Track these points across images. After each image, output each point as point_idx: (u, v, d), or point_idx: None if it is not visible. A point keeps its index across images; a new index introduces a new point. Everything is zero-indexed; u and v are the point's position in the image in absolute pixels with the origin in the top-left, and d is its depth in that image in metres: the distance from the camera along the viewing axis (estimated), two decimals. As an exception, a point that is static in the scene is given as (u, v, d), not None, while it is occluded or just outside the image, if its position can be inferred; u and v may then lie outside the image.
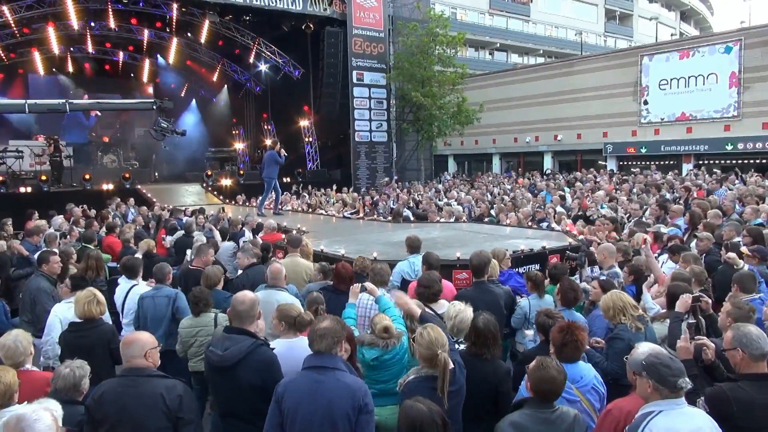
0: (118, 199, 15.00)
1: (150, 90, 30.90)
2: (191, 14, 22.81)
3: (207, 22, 22.56)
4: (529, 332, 5.14)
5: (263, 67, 25.87)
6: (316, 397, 2.99)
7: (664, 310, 4.75)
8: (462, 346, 3.96)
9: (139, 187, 20.07)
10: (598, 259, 6.34)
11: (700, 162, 23.50)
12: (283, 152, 13.27)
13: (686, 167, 23.28)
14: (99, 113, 29.05)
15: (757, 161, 21.90)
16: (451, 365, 3.33)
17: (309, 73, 23.97)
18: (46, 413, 2.42)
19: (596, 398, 3.49)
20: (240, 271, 6.55)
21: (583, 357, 3.66)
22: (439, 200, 15.32)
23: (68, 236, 8.90)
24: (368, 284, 4.68)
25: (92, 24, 23.72)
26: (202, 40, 25.26)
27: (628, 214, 10.23)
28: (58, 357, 4.62)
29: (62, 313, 5.07)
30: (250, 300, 3.79)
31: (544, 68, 31.78)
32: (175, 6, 21.96)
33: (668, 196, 12.58)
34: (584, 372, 3.55)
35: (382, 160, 23.75)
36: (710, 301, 4.56)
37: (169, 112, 24.94)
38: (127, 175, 20.86)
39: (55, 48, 24.83)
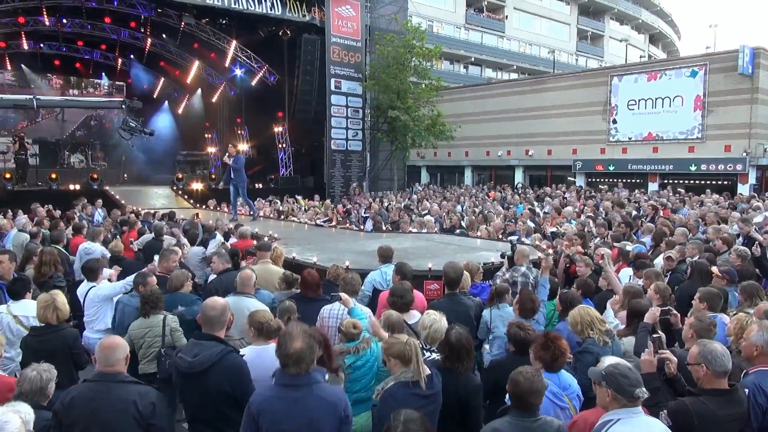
0: (85, 200, 14.67)
1: (122, 90, 30.41)
2: (167, 15, 22.54)
3: (183, 24, 22.31)
4: (486, 346, 5.19)
5: (238, 72, 25.68)
6: (296, 415, 2.91)
7: (623, 326, 4.87)
8: (435, 355, 4.00)
9: (107, 188, 19.63)
10: (515, 258, 6.48)
11: (666, 181, 24.14)
12: (229, 155, 12.92)
13: (652, 186, 23.90)
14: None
15: (719, 182, 22.60)
16: (428, 371, 3.39)
17: (284, 80, 23.87)
18: (15, 416, 2.36)
19: (579, 405, 3.62)
20: (212, 276, 6.49)
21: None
22: (415, 210, 15.35)
23: (35, 237, 8.66)
24: (343, 294, 4.71)
25: (64, 21, 23.26)
26: (177, 41, 25.01)
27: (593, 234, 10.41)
28: (20, 361, 4.50)
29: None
30: (221, 306, 3.76)
31: (517, 84, 32.34)
32: (150, 7, 21.68)
33: (635, 213, 12.88)
34: (570, 380, 3.67)
35: (356, 169, 23.76)
36: (678, 315, 4.71)
37: (138, 111, 24.56)
38: (95, 176, 20.42)
39: (25, 44, 24.26)
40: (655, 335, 3.98)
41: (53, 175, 19.76)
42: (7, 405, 2.69)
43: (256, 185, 22.12)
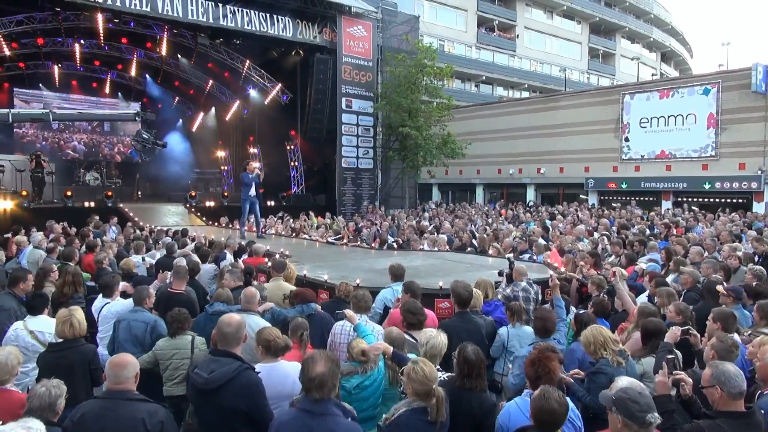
0: (97, 218, 14.83)
1: (137, 108, 30.84)
2: (182, 36, 22.96)
3: (197, 44, 22.69)
4: (510, 365, 5.12)
5: (252, 91, 26.00)
6: None
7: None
8: (444, 375, 3.96)
9: (121, 205, 19.86)
10: (514, 276, 6.52)
11: (679, 199, 23.93)
12: (255, 172, 13.25)
13: (665, 204, 23.69)
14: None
15: (733, 200, 22.37)
16: (445, 415, 3.33)
17: (297, 98, 24.14)
18: (26, 432, 2.37)
19: (572, 430, 3.48)
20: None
21: (562, 388, 3.67)
22: (428, 228, 15.29)
23: (51, 253, 8.75)
24: (348, 311, 4.73)
25: (82, 42, 23.76)
26: (192, 61, 25.40)
27: (607, 252, 10.32)
28: (35, 377, 4.52)
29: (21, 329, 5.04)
30: (237, 322, 3.76)
31: (529, 102, 32.37)
32: (166, 28, 22.11)
33: (648, 232, 12.77)
34: None
35: (367, 187, 23.86)
36: (698, 335, 4.62)
37: (151, 124, 24.87)
38: (109, 194, 20.65)
39: (44, 64, 24.76)
40: (669, 356, 3.92)
41: (68, 193, 20.00)
42: (19, 421, 2.70)
43: (268, 202, 22.25)
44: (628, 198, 24.42)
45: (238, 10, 19.78)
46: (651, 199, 24.86)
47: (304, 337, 4.51)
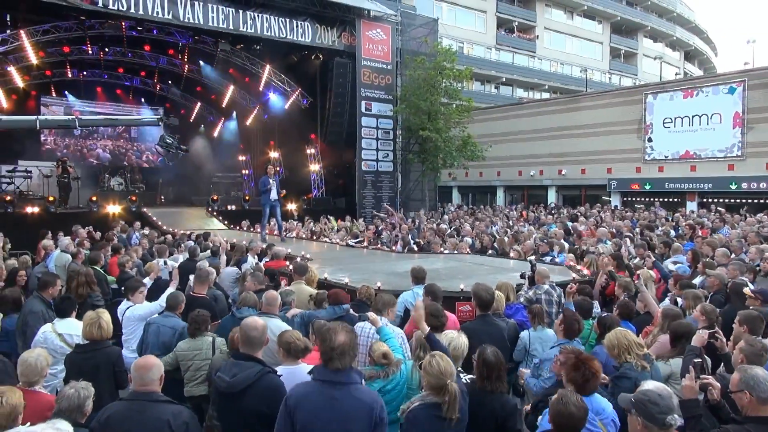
0: (122, 222, 15.08)
1: (161, 113, 31.30)
2: (203, 42, 23.26)
3: (219, 50, 22.96)
4: (525, 371, 5.06)
5: (272, 95, 26.21)
6: (332, 415, 2.94)
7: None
8: (465, 377, 3.94)
9: (144, 210, 20.16)
10: (537, 279, 6.45)
11: (705, 200, 23.54)
12: (272, 174, 13.41)
13: (690, 205, 23.31)
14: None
15: (761, 201, 21.92)
16: (458, 413, 3.32)
17: (317, 102, 24.28)
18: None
19: (614, 431, 3.48)
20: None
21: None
22: (449, 231, 15.25)
23: (76, 257, 8.92)
24: (371, 314, 4.69)
25: (106, 50, 24.22)
26: (213, 66, 25.70)
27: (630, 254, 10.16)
28: (63, 378, 4.61)
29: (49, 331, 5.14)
30: (262, 326, 3.80)
31: (549, 103, 32.13)
32: (188, 34, 22.43)
33: (672, 233, 12.57)
34: (604, 404, 3.55)
35: (388, 190, 23.90)
36: (724, 339, 4.54)
37: (174, 129, 25.21)
38: (133, 198, 20.98)
39: (69, 72, 25.27)
40: (696, 360, 3.85)
41: (93, 198, 20.35)
42: (48, 422, 2.76)
43: (288, 206, 22.39)
44: (651, 199, 24.09)
45: (258, 16, 19.99)
46: (675, 200, 24.49)
47: None
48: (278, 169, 14.50)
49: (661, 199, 23.57)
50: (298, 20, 20.87)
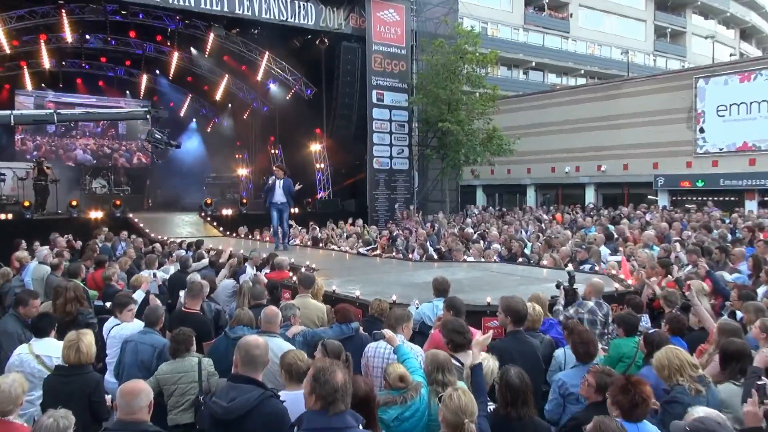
0: (106, 230, 15.18)
1: (148, 106, 31.58)
2: (195, 27, 23.40)
3: (212, 36, 23.10)
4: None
5: (272, 85, 26.31)
6: None
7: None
8: (492, 405, 3.91)
9: (130, 215, 20.29)
10: (586, 292, 6.40)
11: (766, 198, 23.24)
12: (280, 176, 13.49)
13: (750, 204, 23.02)
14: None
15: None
16: None
17: (322, 93, 24.31)
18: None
19: None
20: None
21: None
22: (473, 237, 15.19)
23: (56, 269, 8.98)
24: (387, 331, 4.64)
25: (87, 37, 24.47)
26: (206, 54, 25.86)
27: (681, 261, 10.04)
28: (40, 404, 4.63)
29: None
30: (264, 344, 3.81)
31: (586, 90, 31.95)
32: (177, 18, 22.57)
33: (729, 237, 12.41)
34: None
35: (403, 190, 23.78)
36: None
37: (164, 123, 25.41)
38: (117, 203, 21.08)
39: (46, 62, 25.60)
40: (759, 382, 3.78)
41: (74, 203, 20.46)
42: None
43: (292, 209, 22.39)
44: (704, 198, 23.83)
45: (255, -4, 20.08)
46: (732, 198, 24.19)
47: (349, 359, 4.39)
48: (285, 171, 14.53)
49: (715, 198, 23.29)
50: (301, 1, 20.94)
